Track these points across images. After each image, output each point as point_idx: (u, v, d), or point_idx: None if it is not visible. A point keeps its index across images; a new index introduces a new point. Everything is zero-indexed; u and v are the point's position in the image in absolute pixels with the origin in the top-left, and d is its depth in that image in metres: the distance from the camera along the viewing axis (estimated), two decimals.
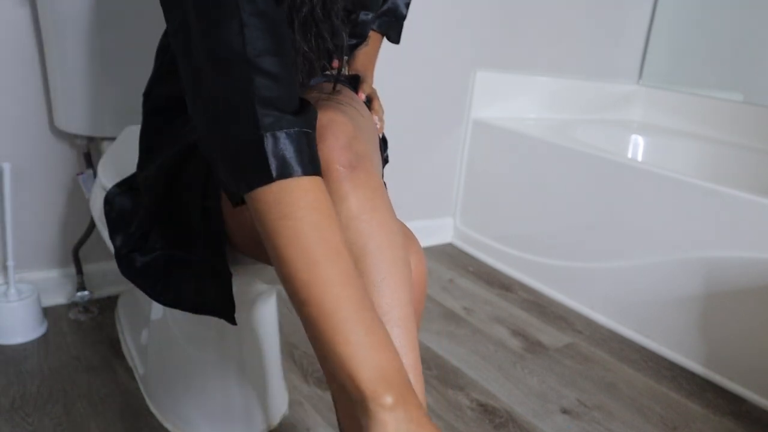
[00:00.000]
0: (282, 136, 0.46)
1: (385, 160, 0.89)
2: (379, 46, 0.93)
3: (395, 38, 0.95)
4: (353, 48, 0.84)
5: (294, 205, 0.45)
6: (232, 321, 0.72)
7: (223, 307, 0.72)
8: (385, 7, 0.90)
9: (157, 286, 0.72)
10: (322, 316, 0.44)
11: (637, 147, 2.07)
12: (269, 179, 0.45)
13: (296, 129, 0.47)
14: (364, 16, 0.81)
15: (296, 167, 0.46)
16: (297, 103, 0.50)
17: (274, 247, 0.46)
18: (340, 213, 0.52)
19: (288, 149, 0.46)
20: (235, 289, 0.73)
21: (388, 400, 0.42)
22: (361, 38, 0.82)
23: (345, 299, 0.44)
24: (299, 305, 0.45)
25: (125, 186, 0.79)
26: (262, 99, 0.46)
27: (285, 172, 0.45)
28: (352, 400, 0.43)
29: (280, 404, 1.03)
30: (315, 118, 0.51)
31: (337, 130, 0.54)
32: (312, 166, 0.47)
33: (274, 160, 0.45)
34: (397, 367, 0.44)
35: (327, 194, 0.48)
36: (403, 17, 0.95)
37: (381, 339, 0.44)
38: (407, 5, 0.94)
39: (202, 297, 0.72)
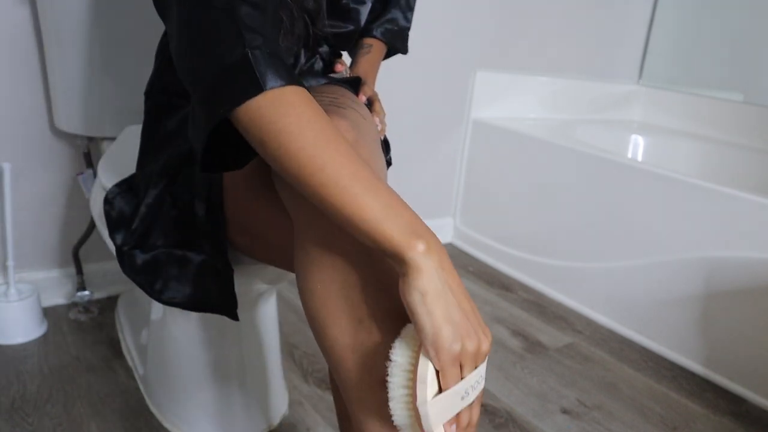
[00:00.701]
0: (266, 54, 0.48)
1: (388, 163, 0.89)
2: (381, 55, 0.94)
3: (401, 47, 0.95)
4: (349, 36, 0.84)
5: (290, 105, 0.48)
6: (234, 317, 0.73)
7: (225, 303, 0.72)
8: (384, 18, 0.90)
9: (157, 285, 0.72)
10: (342, 191, 0.47)
11: (637, 147, 2.07)
12: (260, 90, 0.47)
13: (280, 52, 0.50)
14: (354, 4, 0.81)
15: (284, 78, 0.48)
16: (278, 43, 0.52)
17: (278, 146, 0.48)
18: None
19: (274, 65, 0.48)
20: (236, 288, 0.74)
21: (421, 247, 0.46)
22: (355, 24, 0.82)
23: (359, 172, 0.48)
24: (317, 188, 0.48)
25: (125, 186, 0.79)
26: (246, 25, 0.49)
27: (274, 84, 0.48)
28: (388, 257, 0.48)
29: (280, 404, 1.03)
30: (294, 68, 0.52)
31: None
32: (298, 81, 0.50)
33: (262, 72, 0.48)
34: (420, 221, 0.49)
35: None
36: (405, 27, 0.94)
37: (400, 201, 0.49)
38: (407, 16, 0.93)
39: (202, 294, 0.72)
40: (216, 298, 0.72)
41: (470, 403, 0.49)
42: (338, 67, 0.85)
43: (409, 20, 0.95)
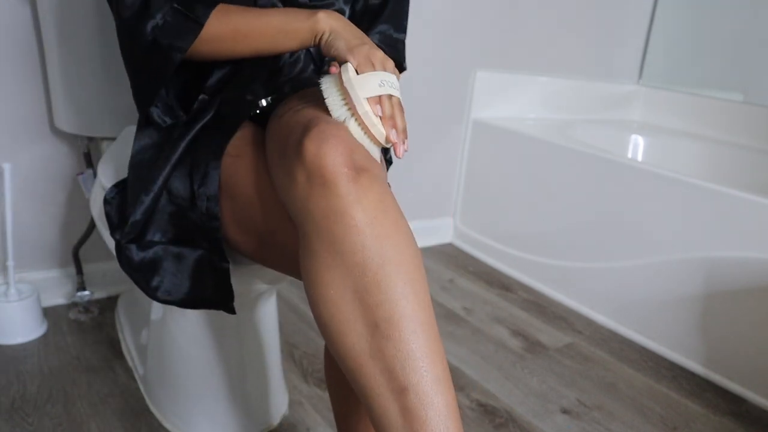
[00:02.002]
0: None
1: (388, 162, 0.89)
2: None
3: (397, 57, 0.90)
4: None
5: (222, 23, 0.71)
6: (231, 310, 0.72)
7: (221, 298, 0.72)
8: (373, 30, 0.86)
9: (153, 281, 0.72)
10: (262, 28, 0.72)
11: (637, 147, 2.07)
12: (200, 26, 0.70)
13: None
14: None
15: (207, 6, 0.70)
16: None
17: (233, 47, 0.72)
18: (353, 218, 0.52)
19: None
20: (235, 289, 0.73)
21: (321, 14, 0.70)
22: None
23: (271, 19, 0.71)
24: (251, 43, 0.72)
25: (124, 185, 0.79)
26: None
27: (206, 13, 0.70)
28: (303, 40, 0.72)
29: (280, 404, 1.03)
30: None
31: (336, 139, 0.55)
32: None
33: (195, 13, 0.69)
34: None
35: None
36: (400, 40, 0.90)
37: (300, 10, 0.72)
38: (403, 28, 0.89)
39: (198, 291, 0.72)
40: (212, 293, 0.72)
41: (390, 97, 0.64)
42: (333, 69, 0.84)
43: (403, 30, 0.91)
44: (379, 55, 0.66)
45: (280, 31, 0.70)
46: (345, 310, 0.53)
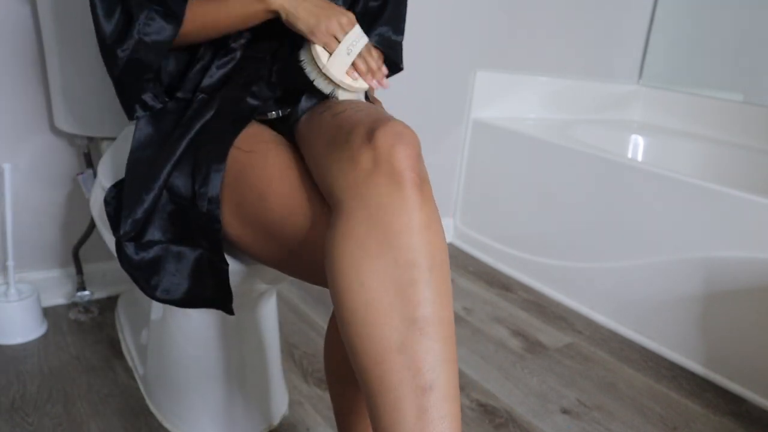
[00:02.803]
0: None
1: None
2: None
3: (395, 58, 0.92)
4: None
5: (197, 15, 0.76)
6: (230, 311, 0.72)
7: (220, 298, 0.72)
8: (374, 31, 0.88)
9: (153, 280, 0.72)
10: (226, 16, 0.76)
11: (637, 147, 2.07)
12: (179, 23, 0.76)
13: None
14: None
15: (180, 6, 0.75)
16: None
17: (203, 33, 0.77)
18: (413, 221, 0.54)
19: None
20: (235, 289, 0.73)
21: None
22: None
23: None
24: (215, 28, 0.77)
25: (123, 184, 0.79)
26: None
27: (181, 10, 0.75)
28: (262, 20, 0.77)
29: (280, 404, 1.03)
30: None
31: (409, 140, 0.57)
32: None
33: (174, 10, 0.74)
34: None
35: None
36: (398, 42, 0.92)
37: None
38: (400, 27, 0.91)
39: (198, 290, 0.72)
40: (211, 293, 0.72)
41: (360, 55, 0.74)
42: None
43: (401, 32, 0.92)
44: (336, 21, 0.73)
45: (241, 15, 0.75)
46: (384, 301, 0.52)
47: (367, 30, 0.88)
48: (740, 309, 1.25)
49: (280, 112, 0.79)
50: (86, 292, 1.31)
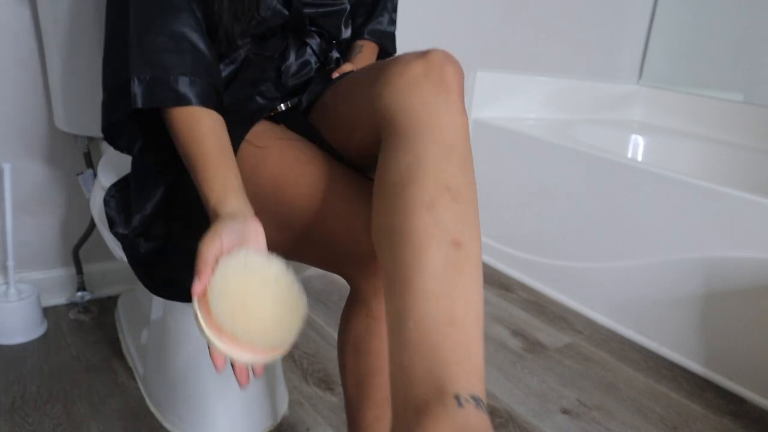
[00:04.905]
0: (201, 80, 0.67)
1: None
2: (374, 55, 0.95)
3: (390, 48, 0.98)
4: (336, 16, 0.86)
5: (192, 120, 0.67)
6: None
7: None
8: (372, 21, 0.94)
9: (155, 276, 0.72)
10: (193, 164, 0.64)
11: (637, 147, 2.07)
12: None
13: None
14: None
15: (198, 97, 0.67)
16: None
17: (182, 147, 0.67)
18: (453, 119, 0.58)
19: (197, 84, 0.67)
20: None
21: (228, 203, 0.60)
22: (340, 2, 0.86)
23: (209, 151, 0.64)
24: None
25: (122, 184, 0.79)
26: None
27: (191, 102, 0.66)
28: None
29: (280, 404, 1.03)
30: None
31: (459, 66, 0.62)
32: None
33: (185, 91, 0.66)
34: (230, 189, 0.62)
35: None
36: (391, 32, 0.98)
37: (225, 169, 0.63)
38: (392, 17, 0.97)
39: None
40: None
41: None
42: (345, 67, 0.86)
43: (394, 23, 0.98)
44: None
45: (196, 178, 0.64)
46: (418, 172, 0.54)
47: (363, 23, 0.93)
48: (740, 309, 1.25)
49: (288, 103, 0.80)
50: (86, 292, 1.31)
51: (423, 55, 0.61)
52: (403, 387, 0.46)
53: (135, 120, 0.71)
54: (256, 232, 0.58)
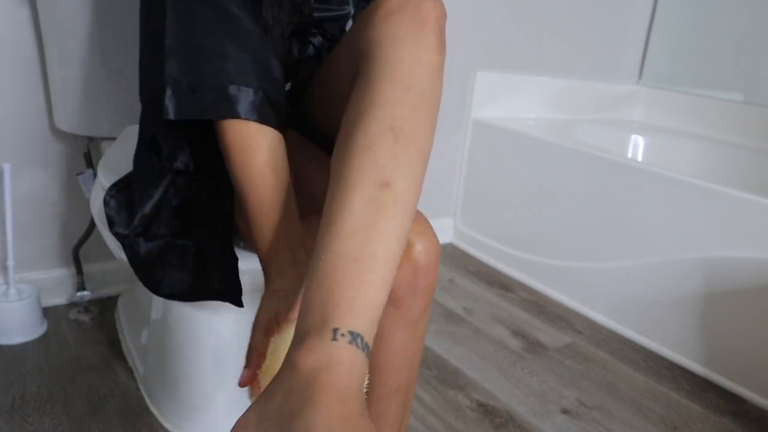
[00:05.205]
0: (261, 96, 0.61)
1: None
2: None
3: None
4: (340, 21, 0.85)
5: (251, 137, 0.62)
6: (239, 304, 0.72)
7: (229, 290, 0.72)
8: None
9: (157, 274, 0.72)
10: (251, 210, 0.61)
11: (637, 147, 2.07)
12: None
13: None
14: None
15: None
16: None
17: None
18: (421, 56, 0.54)
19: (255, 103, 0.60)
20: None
21: (285, 274, 0.59)
22: (345, 7, 0.83)
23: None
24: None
25: (122, 184, 0.79)
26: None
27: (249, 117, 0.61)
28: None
29: None
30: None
31: (439, 2, 0.57)
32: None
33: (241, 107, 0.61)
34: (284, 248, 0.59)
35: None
36: None
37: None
38: None
39: (204, 283, 0.72)
40: (219, 285, 0.72)
41: None
42: None
43: None
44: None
45: (255, 215, 0.60)
46: (369, 113, 0.52)
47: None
48: (740, 309, 1.25)
49: (289, 84, 0.80)
50: (86, 292, 1.31)
51: None
52: (300, 317, 0.47)
53: (186, 134, 0.67)
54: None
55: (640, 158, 2.07)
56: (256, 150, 0.59)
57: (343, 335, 0.44)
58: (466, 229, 1.94)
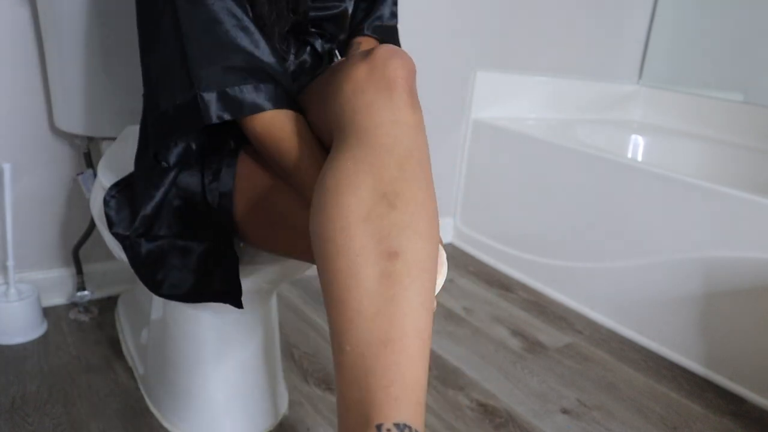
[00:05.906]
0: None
1: None
2: None
3: (394, 43, 0.96)
4: (338, 19, 0.85)
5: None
6: (239, 305, 0.72)
7: (229, 291, 0.72)
8: (372, 16, 0.92)
9: (158, 275, 0.72)
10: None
11: (637, 147, 2.07)
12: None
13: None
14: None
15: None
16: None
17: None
18: (396, 117, 0.55)
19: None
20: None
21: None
22: (342, 5, 0.84)
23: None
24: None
25: (123, 184, 0.79)
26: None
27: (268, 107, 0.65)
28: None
29: (280, 404, 1.03)
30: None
31: (406, 58, 0.59)
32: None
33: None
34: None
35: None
36: (392, 26, 0.97)
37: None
38: (393, 10, 0.96)
39: (205, 284, 0.72)
40: (219, 286, 0.72)
41: None
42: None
43: (395, 15, 0.97)
44: None
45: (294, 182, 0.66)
46: (356, 179, 0.51)
47: (364, 18, 0.92)
48: (740, 309, 1.25)
49: None
50: (86, 292, 1.31)
51: (367, 54, 0.58)
52: (341, 418, 0.45)
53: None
54: None
55: (640, 158, 2.07)
56: (286, 128, 0.65)
57: (388, 430, 0.41)
58: (466, 229, 1.94)
